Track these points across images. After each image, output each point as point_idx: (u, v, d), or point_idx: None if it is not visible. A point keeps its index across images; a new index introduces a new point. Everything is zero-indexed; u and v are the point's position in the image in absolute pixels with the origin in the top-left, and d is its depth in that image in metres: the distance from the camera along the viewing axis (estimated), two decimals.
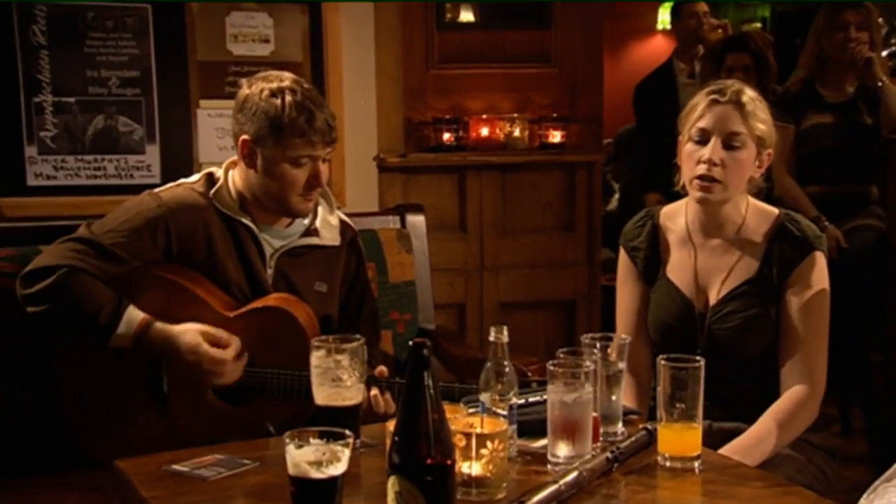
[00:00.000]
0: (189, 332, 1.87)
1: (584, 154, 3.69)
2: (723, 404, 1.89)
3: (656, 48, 7.24)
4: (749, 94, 1.89)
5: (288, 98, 1.89)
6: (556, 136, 3.62)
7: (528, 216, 3.66)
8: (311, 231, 2.11)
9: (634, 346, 1.97)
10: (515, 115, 3.60)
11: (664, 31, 7.26)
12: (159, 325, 1.87)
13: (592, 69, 3.72)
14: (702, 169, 1.86)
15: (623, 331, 2.03)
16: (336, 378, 1.56)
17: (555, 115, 3.64)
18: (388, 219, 2.66)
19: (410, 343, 1.24)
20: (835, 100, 3.67)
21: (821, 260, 1.92)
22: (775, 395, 1.89)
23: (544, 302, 3.67)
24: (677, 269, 1.99)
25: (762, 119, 1.90)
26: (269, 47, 3.12)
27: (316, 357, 1.58)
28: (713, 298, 1.94)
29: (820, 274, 1.91)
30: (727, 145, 1.86)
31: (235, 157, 2.07)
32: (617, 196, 5.51)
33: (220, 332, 1.89)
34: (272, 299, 2.02)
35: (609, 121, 6.20)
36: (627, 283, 2.06)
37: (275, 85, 1.92)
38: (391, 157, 3.44)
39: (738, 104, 1.87)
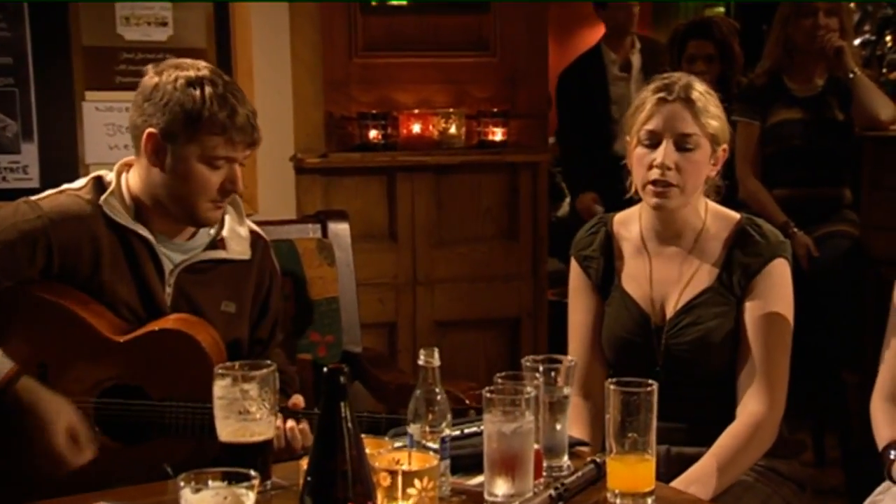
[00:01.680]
0: (60, 412, 1.81)
1: (527, 153, 3.72)
2: (684, 426, 1.92)
3: None
4: (698, 89, 1.93)
5: (208, 90, 1.88)
6: (496, 134, 3.64)
7: (466, 223, 3.68)
8: (217, 243, 2.08)
9: (589, 366, 2.02)
10: (451, 109, 3.61)
11: None
12: (28, 382, 1.82)
13: (536, 58, 3.75)
14: (655, 174, 1.90)
15: (577, 348, 2.06)
16: (243, 410, 1.54)
17: (495, 109, 3.66)
18: (306, 227, 2.66)
19: (325, 370, 1.24)
20: (803, 93, 3.73)
21: (784, 268, 1.95)
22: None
23: (485, 320, 3.70)
24: (632, 280, 2.03)
25: (714, 114, 1.93)
26: (166, 31, 3.07)
27: (220, 386, 1.56)
28: (670, 310, 1.98)
29: (782, 283, 1.94)
30: (680, 147, 1.90)
31: (130, 159, 2.04)
32: (568, 200, 5.47)
33: (84, 434, 1.83)
34: (171, 321, 1.98)
35: (555, 115, 6.26)
36: (580, 296, 2.09)
37: (191, 74, 1.91)
38: (310, 158, 3.43)
39: (688, 101, 1.90)
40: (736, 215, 2.02)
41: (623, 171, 2.01)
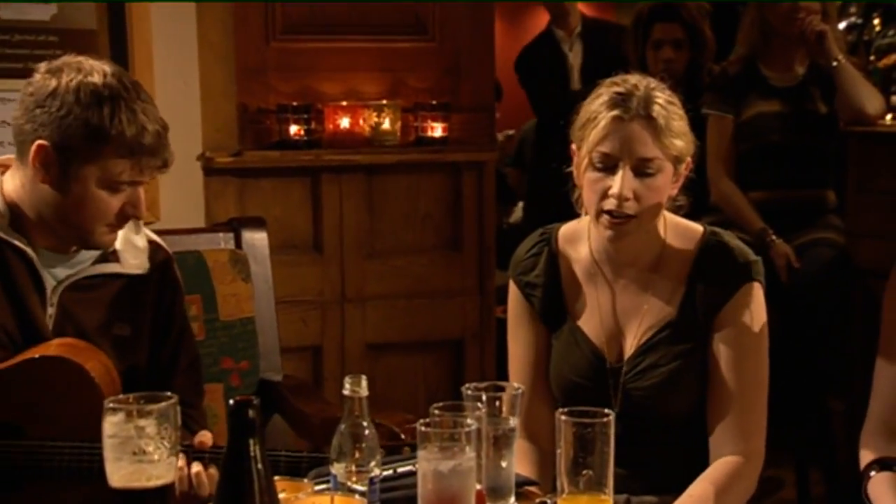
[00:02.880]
0: None
1: (472, 152, 3.73)
2: (644, 474, 1.94)
3: None
4: (660, 101, 1.90)
5: (116, 104, 1.86)
6: (436, 129, 3.65)
7: (402, 232, 3.68)
8: (108, 256, 2.06)
9: (533, 407, 2.00)
10: (384, 101, 3.61)
11: None
12: None
13: (482, 44, 3.76)
14: (610, 204, 1.89)
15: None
16: (139, 451, 1.51)
17: (434, 102, 3.67)
18: (217, 237, 2.66)
19: (231, 402, 1.23)
20: (782, 83, 3.77)
21: (755, 293, 1.95)
22: (707, 462, 1.94)
23: (424, 342, 3.71)
24: (585, 313, 2.03)
25: (678, 131, 1.91)
26: (49, 10, 3.02)
27: (111, 423, 1.53)
28: (628, 349, 1.98)
29: (755, 312, 1.94)
30: (639, 173, 1.89)
31: (7, 158, 2.01)
32: (521, 205, 5.62)
33: None
34: (53, 347, 1.95)
35: (510, 109, 6.21)
36: (522, 328, 2.08)
37: (96, 80, 1.87)
38: (221, 157, 3.42)
39: (649, 119, 1.88)
40: (698, 229, 2.01)
41: (570, 184, 2.01)
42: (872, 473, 1.88)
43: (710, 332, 1.94)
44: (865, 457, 1.93)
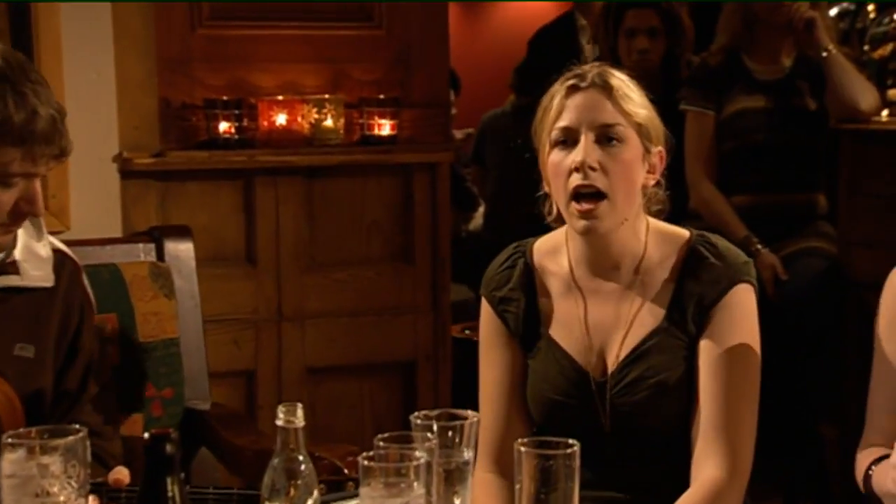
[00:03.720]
0: None
1: (424, 152, 3.73)
2: (638, 495, 1.96)
3: (538, 4, 7.32)
4: (617, 75, 1.99)
5: (2, 87, 1.85)
6: (383, 127, 3.63)
7: (347, 242, 3.66)
8: (6, 267, 2.05)
9: (507, 437, 1.99)
10: (326, 96, 3.59)
11: None
12: None
13: (435, 32, 3.76)
14: (576, 179, 1.93)
15: (491, 413, 2.07)
16: (42, 492, 1.48)
17: (382, 96, 3.65)
18: (136, 248, 2.66)
19: (146, 435, 1.22)
20: (767, 76, 3.81)
21: (747, 295, 1.99)
22: None
23: (371, 365, 3.70)
24: (563, 327, 2.05)
25: (640, 103, 1.99)
26: None
27: (10, 461, 1.51)
28: (612, 362, 2.01)
29: (746, 315, 1.98)
30: (602, 141, 1.95)
31: None
32: (482, 210, 5.63)
33: None
34: None
35: (467, 104, 6.23)
36: (495, 350, 2.10)
37: None
38: (140, 157, 3.40)
39: (605, 87, 1.96)
40: (684, 233, 2.05)
41: (541, 196, 2.05)
42: (872, 470, 1.91)
43: (698, 336, 1.97)
44: (861, 474, 1.96)
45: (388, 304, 3.70)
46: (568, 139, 1.95)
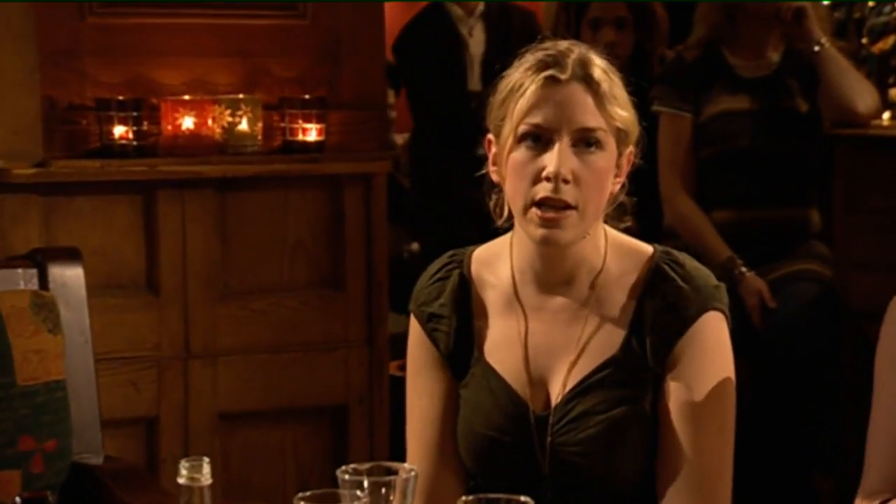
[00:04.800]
0: None
1: (357, 161, 3.72)
2: None
3: None
4: (599, 64, 1.97)
5: None
6: (309, 132, 3.61)
7: (266, 266, 3.64)
8: None
9: (438, 478, 2.03)
10: (240, 95, 3.57)
11: None
12: None
13: (368, 21, 3.75)
14: (545, 189, 1.92)
15: (419, 451, 2.07)
16: None
17: (307, 96, 3.64)
18: (14, 274, 2.63)
19: (17, 499, 1.20)
20: (752, 73, 3.84)
21: (717, 324, 1.98)
22: None
23: (295, 409, 3.67)
24: (501, 350, 2.04)
25: (623, 101, 1.98)
26: None
27: None
28: (557, 393, 2.00)
29: (716, 349, 1.98)
30: (579, 148, 1.94)
31: None
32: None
33: None
34: None
35: (402, 106, 6.23)
36: (424, 375, 2.10)
37: None
38: (20, 168, 3.36)
39: (588, 81, 1.94)
40: (647, 249, 2.04)
41: (486, 186, 2.04)
42: None
43: (662, 373, 1.96)
44: None
45: (314, 339, 3.68)
46: (539, 138, 1.93)
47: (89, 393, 2.62)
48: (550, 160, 1.91)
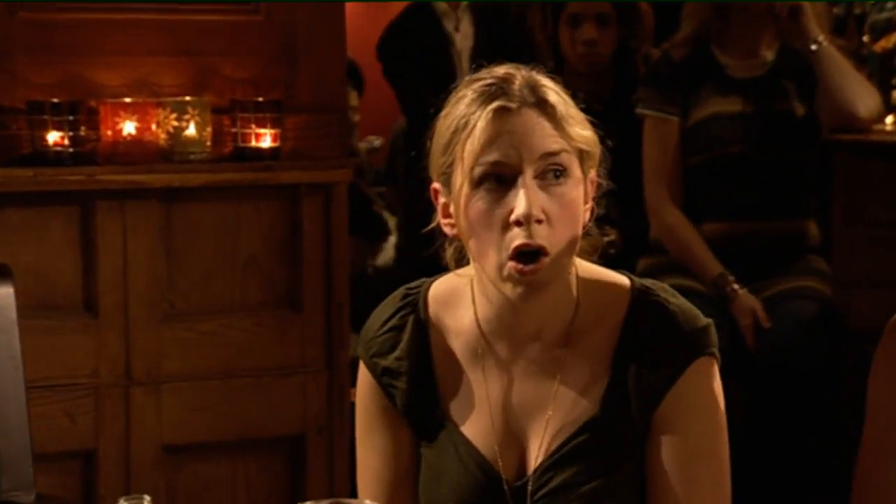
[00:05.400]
0: None
1: (316, 169, 3.70)
2: None
3: None
4: (548, 84, 1.94)
5: None
6: (263, 138, 3.59)
7: (216, 284, 3.62)
8: None
9: None
10: (188, 98, 3.55)
11: None
12: None
13: (328, 17, 3.74)
14: (519, 236, 1.87)
15: None
16: None
17: (260, 98, 3.62)
18: None
19: None
20: (744, 74, 3.84)
21: (709, 373, 1.96)
22: None
23: (248, 441, 3.65)
24: (467, 409, 2.02)
25: (580, 121, 1.94)
26: None
27: None
28: (533, 461, 1.98)
29: (708, 400, 1.95)
30: (545, 178, 1.90)
31: None
32: (394, 241, 5.64)
33: None
34: None
35: (376, 108, 6.27)
36: (377, 433, 2.07)
37: None
38: None
39: (541, 105, 1.91)
40: (624, 284, 2.01)
41: (438, 237, 2.01)
42: None
43: (646, 434, 1.95)
44: None
45: (269, 363, 3.65)
46: (499, 178, 1.88)
47: (20, 424, 2.62)
48: (518, 201, 1.87)
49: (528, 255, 1.86)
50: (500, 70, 1.94)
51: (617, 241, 3.89)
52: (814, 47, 3.69)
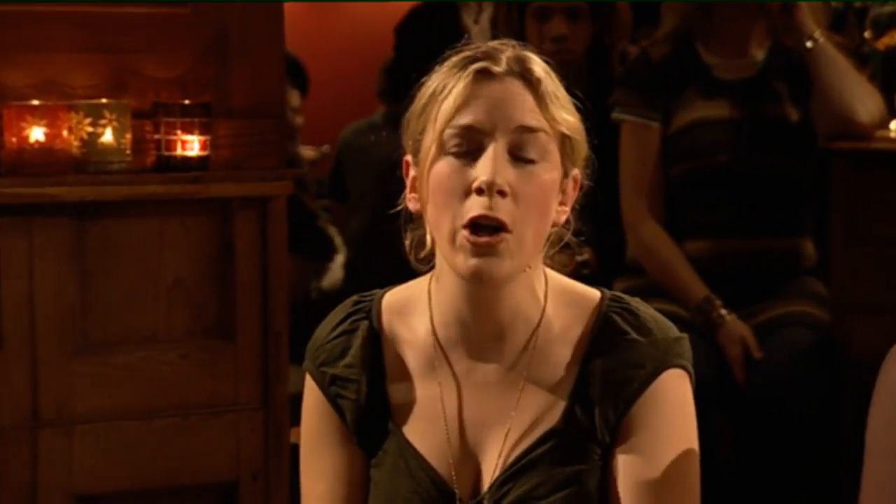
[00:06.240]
0: None
1: (250, 182, 3.67)
2: None
3: None
4: (538, 62, 2.00)
5: None
6: (190, 146, 3.56)
7: (136, 311, 3.58)
8: None
9: None
10: (104, 100, 3.51)
11: None
12: None
13: (265, 11, 3.72)
14: (478, 205, 1.92)
15: None
16: None
17: (187, 101, 3.59)
18: None
19: None
20: (731, 75, 3.88)
21: (678, 385, 2.00)
22: None
23: (174, 489, 3.62)
24: (421, 422, 2.06)
25: (567, 106, 2.00)
26: None
27: None
28: (488, 474, 2.02)
29: (678, 414, 2.00)
30: (518, 154, 1.95)
31: None
32: (341, 259, 5.66)
33: None
34: None
35: (321, 111, 6.31)
36: (324, 452, 2.11)
37: None
38: None
39: (527, 77, 1.97)
40: (594, 295, 2.06)
41: (402, 221, 2.08)
42: None
43: (612, 444, 1.99)
44: None
45: (196, 401, 3.61)
46: (469, 144, 1.94)
47: None
48: (483, 167, 1.92)
49: (485, 228, 1.91)
50: (493, 42, 2.01)
51: (590, 260, 3.90)
52: (809, 45, 3.71)
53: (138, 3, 3.59)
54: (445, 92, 1.98)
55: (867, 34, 4.17)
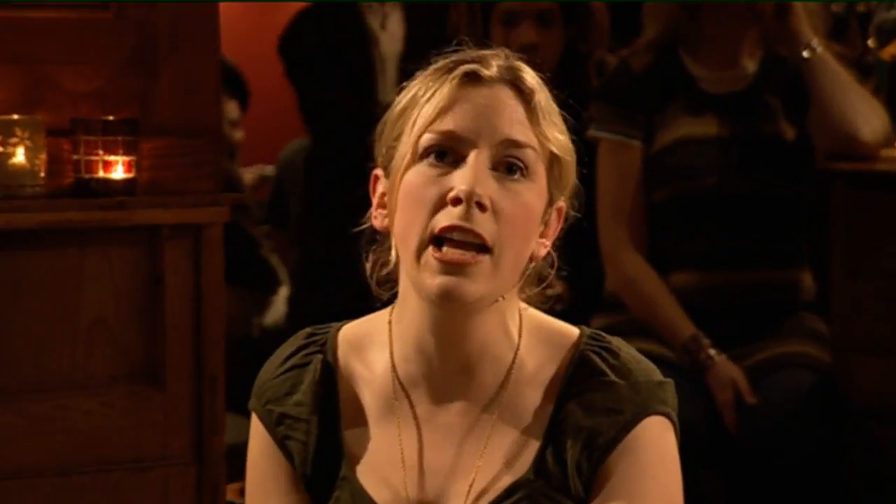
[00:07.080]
0: None
1: (181, 207, 3.65)
2: None
3: None
4: (532, 73, 2.01)
5: None
6: (114, 167, 3.54)
7: (53, 353, 3.56)
8: None
9: None
10: (14, 116, 3.50)
11: None
12: None
13: (198, 17, 3.72)
14: (452, 216, 1.92)
15: None
16: None
17: (110, 117, 3.57)
18: None
19: None
20: (720, 88, 3.90)
21: (661, 433, 2.00)
22: None
23: None
24: (377, 469, 2.06)
25: (559, 125, 2.01)
26: None
27: None
28: None
29: (659, 466, 2.00)
30: (501, 168, 1.96)
31: None
32: (285, 292, 5.72)
33: None
34: None
35: (263, 127, 6.31)
36: (271, 499, 2.11)
37: None
38: None
39: (519, 86, 1.99)
40: (571, 332, 2.06)
41: (365, 241, 2.08)
42: None
43: (585, 499, 2.00)
44: None
45: (120, 455, 3.59)
46: (448, 151, 1.95)
47: None
48: (462, 176, 1.92)
49: (459, 244, 1.90)
50: (487, 50, 2.01)
51: (564, 295, 3.88)
52: (806, 55, 3.72)
53: (55, 7, 3.58)
54: (428, 95, 1.98)
55: (871, 42, 4.18)
